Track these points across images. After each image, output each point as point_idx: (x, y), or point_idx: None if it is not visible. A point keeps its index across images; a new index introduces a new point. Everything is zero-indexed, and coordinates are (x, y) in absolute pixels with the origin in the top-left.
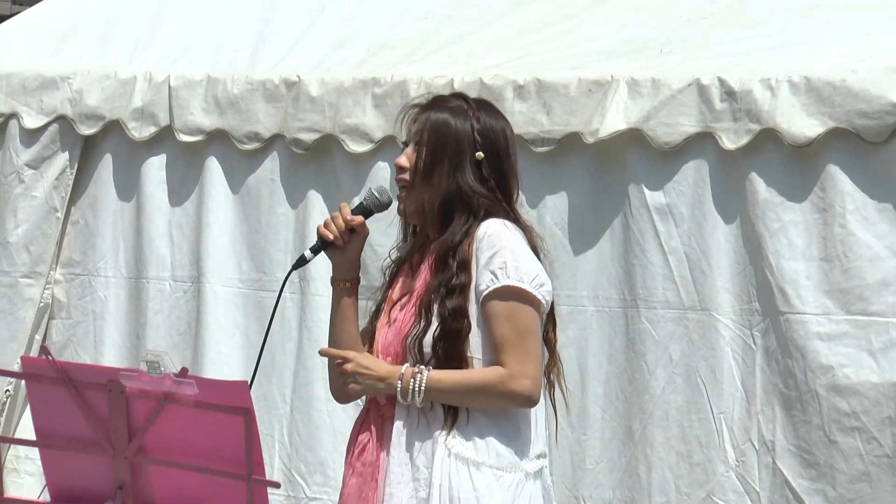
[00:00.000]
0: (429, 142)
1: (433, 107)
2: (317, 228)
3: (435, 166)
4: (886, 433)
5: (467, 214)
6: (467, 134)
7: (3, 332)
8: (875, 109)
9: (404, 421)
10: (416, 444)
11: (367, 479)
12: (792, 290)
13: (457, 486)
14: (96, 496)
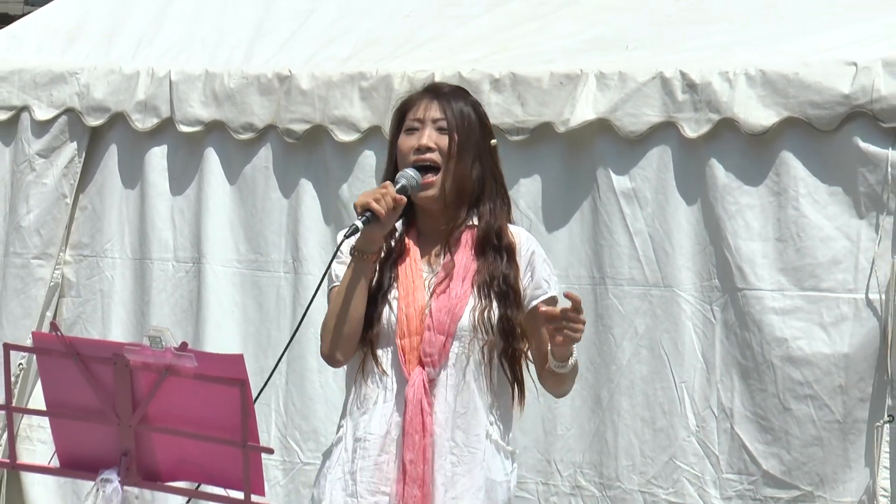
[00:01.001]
0: (458, 127)
1: (442, 94)
2: (359, 202)
3: (467, 150)
4: (837, 401)
5: (495, 198)
6: (485, 120)
7: (17, 309)
8: (826, 100)
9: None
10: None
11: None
12: (749, 268)
13: (493, 469)
14: (102, 462)
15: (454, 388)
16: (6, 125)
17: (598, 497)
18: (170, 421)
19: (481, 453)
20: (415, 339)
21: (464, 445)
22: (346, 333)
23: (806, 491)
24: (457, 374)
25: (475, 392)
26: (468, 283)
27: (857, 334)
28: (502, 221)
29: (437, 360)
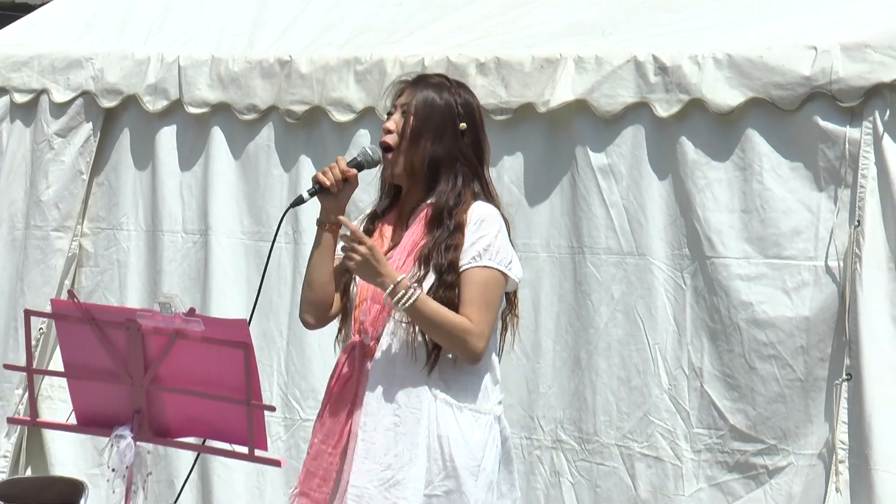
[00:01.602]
0: (416, 112)
1: (420, 83)
2: (314, 175)
3: (422, 133)
4: (799, 360)
5: (454, 178)
6: (451, 107)
7: (37, 278)
8: (788, 81)
9: (386, 359)
10: (396, 381)
11: (343, 407)
12: (717, 237)
13: (444, 426)
14: (116, 420)
15: (392, 354)
16: (26, 107)
17: (578, 450)
18: (179, 381)
19: (426, 413)
20: (359, 309)
21: (405, 406)
22: (311, 299)
23: (770, 444)
24: (395, 340)
25: (412, 356)
26: (412, 256)
27: (818, 299)
28: (458, 199)
29: (372, 328)
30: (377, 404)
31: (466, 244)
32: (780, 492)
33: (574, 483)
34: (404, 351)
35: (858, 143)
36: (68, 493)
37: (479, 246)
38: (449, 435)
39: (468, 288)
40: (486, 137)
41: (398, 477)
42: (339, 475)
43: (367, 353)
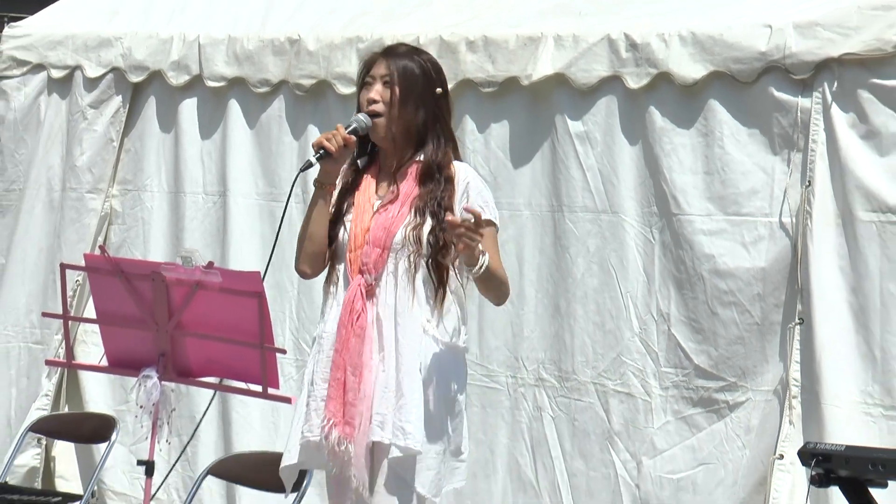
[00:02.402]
0: (400, 81)
1: (392, 54)
2: (315, 142)
3: (409, 99)
4: (756, 306)
5: (438, 138)
6: (428, 73)
7: (72, 235)
8: (746, 56)
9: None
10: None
11: (360, 339)
12: (682, 197)
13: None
14: (143, 362)
15: (392, 292)
16: (62, 82)
17: (558, 388)
18: (199, 327)
19: (420, 347)
20: (359, 252)
21: (403, 340)
22: (309, 250)
23: (731, 381)
24: (393, 280)
25: (410, 295)
26: (407, 206)
27: (773, 251)
28: (444, 157)
29: (374, 268)
30: (383, 338)
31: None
32: (739, 424)
33: (554, 417)
34: (402, 289)
35: (809, 111)
36: (101, 427)
37: (480, 200)
38: (440, 366)
39: (489, 242)
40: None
41: (401, 403)
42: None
43: (370, 291)
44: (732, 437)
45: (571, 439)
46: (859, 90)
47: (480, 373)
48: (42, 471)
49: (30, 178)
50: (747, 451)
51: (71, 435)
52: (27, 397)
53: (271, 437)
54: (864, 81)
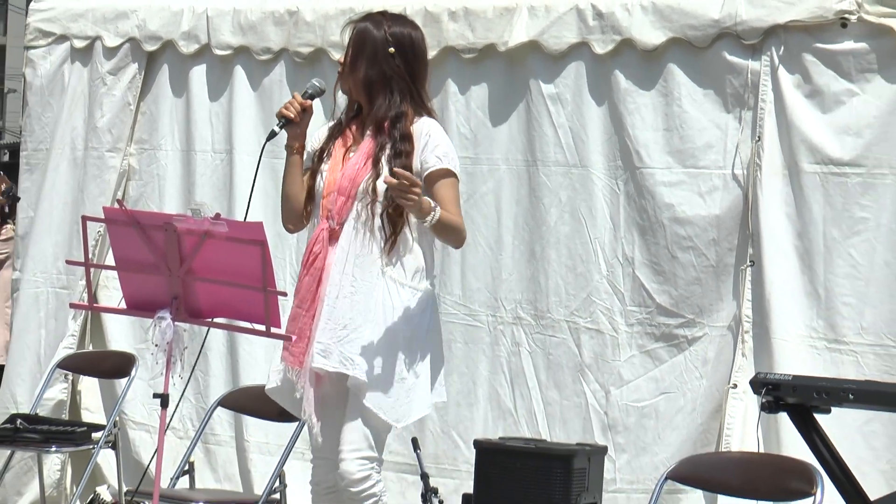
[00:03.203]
0: (354, 43)
1: (362, 19)
2: (277, 112)
3: (357, 60)
4: (711, 250)
5: (389, 94)
6: (382, 36)
7: (94, 190)
8: (701, 24)
9: (348, 240)
10: (355, 259)
11: (314, 278)
12: (644, 151)
13: (389, 298)
14: (158, 304)
15: (352, 237)
16: (84, 51)
17: (534, 325)
18: (208, 272)
19: (378, 287)
20: (328, 199)
21: (360, 280)
22: (287, 209)
23: (689, 318)
24: (355, 226)
25: (369, 241)
26: (371, 158)
27: (726, 200)
28: (399, 112)
29: (337, 215)
30: (339, 277)
31: (427, 151)
32: (697, 357)
33: (531, 352)
34: (363, 235)
35: (759, 73)
36: (122, 364)
37: (438, 151)
38: (392, 305)
39: (446, 190)
40: (425, 62)
41: (352, 336)
42: (311, 333)
43: (333, 235)
44: (691, 369)
45: (546, 371)
46: (804, 54)
47: (463, 312)
48: (69, 403)
49: (55, 138)
50: (704, 381)
51: (95, 371)
52: (55, 337)
53: None
54: (808, 46)
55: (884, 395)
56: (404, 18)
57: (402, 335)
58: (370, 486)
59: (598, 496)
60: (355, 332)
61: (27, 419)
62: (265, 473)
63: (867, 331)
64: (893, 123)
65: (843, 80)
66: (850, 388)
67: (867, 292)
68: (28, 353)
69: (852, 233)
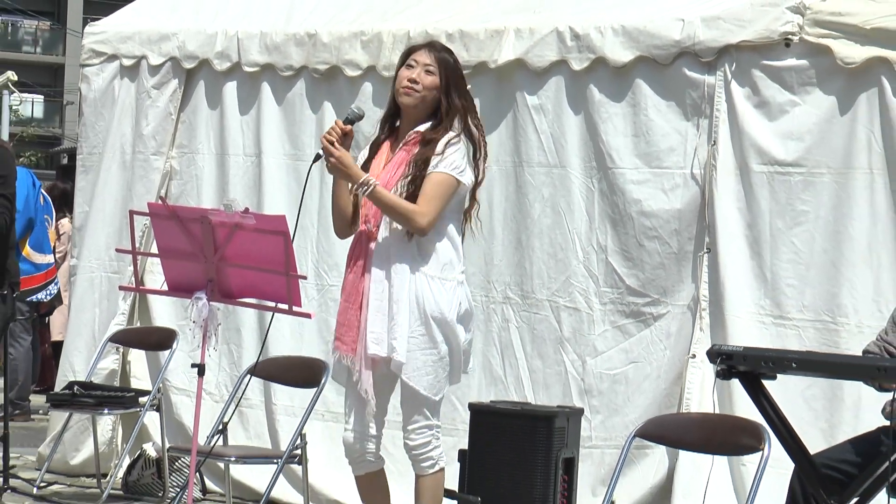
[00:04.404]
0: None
1: (435, 48)
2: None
3: (451, 93)
4: (674, 239)
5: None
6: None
7: (141, 188)
8: (664, 44)
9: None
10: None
11: (357, 275)
12: (615, 154)
13: (421, 289)
14: (195, 286)
15: (386, 238)
16: (132, 68)
17: (521, 304)
18: (238, 259)
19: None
20: (366, 207)
21: (395, 275)
22: (337, 219)
23: (655, 298)
24: (389, 228)
25: (401, 240)
26: (402, 169)
27: (686, 196)
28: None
29: (373, 219)
30: (378, 273)
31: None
32: (661, 331)
33: (518, 327)
34: (395, 235)
35: (714, 86)
36: (165, 338)
37: (437, 158)
38: (424, 296)
39: (425, 184)
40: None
41: (393, 325)
42: (359, 324)
43: (370, 236)
44: (656, 342)
45: (531, 344)
46: (753, 69)
47: None
48: (119, 372)
49: (107, 144)
50: (668, 352)
51: (142, 344)
52: (107, 315)
53: (298, 345)
54: (757, 63)
55: (822, 363)
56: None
57: (434, 318)
58: (429, 450)
59: (575, 451)
60: (394, 321)
61: (83, 386)
62: (290, 432)
63: (808, 308)
64: (830, 130)
65: (786, 93)
66: (793, 358)
67: (808, 275)
68: (84, 329)
69: (795, 224)
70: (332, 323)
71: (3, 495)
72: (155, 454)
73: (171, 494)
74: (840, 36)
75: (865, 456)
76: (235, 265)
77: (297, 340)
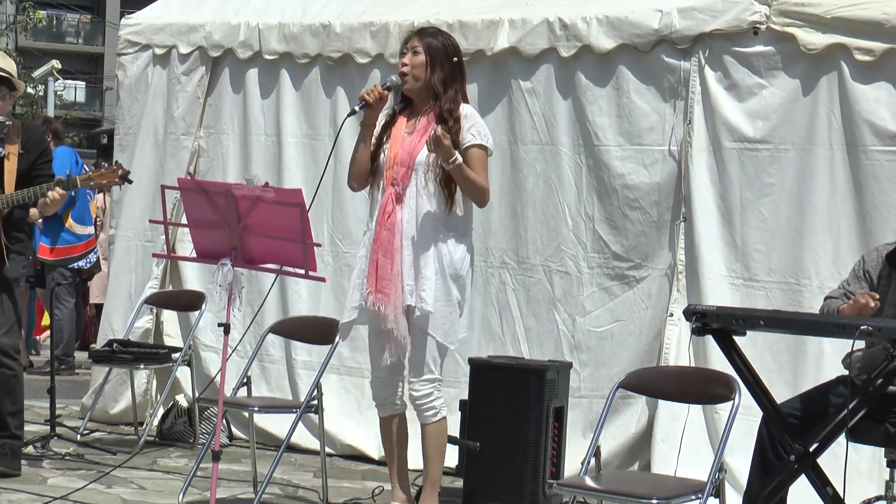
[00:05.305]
0: (428, 53)
1: (422, 33)
2: (360, 95)
3: (435, 66)
4: (654, 209)
5: (453, 92)
6: (447, 47)
7: (172, 165)
8: (644, 33)
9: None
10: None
11: (391, 232)
12: (601, 132)
13: (441, 246)
14: (221, 253)
15: (414, 198)
16: (164, 57)
17: (516, 268)
18: (260, 228)
19: (435, 238)
20: (392, 170)
21: (423, 232)
22: (355, 171)
23: (637, 262)
24: (415, 190)
25: (427, 202)
26: (426, 137)
27: (665, 170)
28: (454, 104)
29: (401, 181)
30: (409, 230)
31: (465, 129)
32: (643, 292)
33: (514, 289)
34: (421, 197)
35: (689, 71)
36: (195, 300)
37: (473, 130)
38: (445, 253)
39: (476, 161)
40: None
41: (421, 277)
42: (393, 276)
43: (399, 198)
44: (638, 302)
45: (526, 304)
46: (724, 55)
47: None
48: (154, 331)
49: (141, 125)
50: (649, 311)
51: (173, 305)
52: (142, 280)
53: (315, 305)
54: (728, 49)
55: (787, 321)
56: (447, 33)
57: (450, 275)
58: (431, 400)
59: (565, 401)
60: (420, 274)
61: (121, 343)
62: (308, 384)
63: (774, 271)
64: (794, 109)
65: (754, 76)
66: (761, 316)
67: (774, 241)
68: (122, 292)
69: (762, 195)
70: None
71: (51, 441)
72: (186, 404)
73: (200, 440)
74: (803, 25)
75: (825, 404)
76: (257, 234)
77: (314, 301)
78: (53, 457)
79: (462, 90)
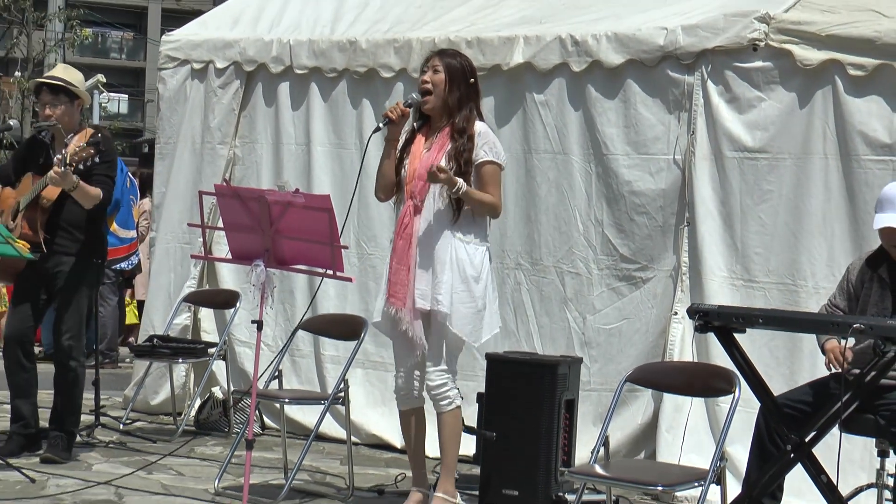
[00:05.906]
0: (448, 73)
1: (442, 54)
2: (384, 113)
3: (453, 86)
4: (659, 214)
5: (468, 111)
6: (465, 68)
7: (208, 172)
8: (650, 49)
9: (428, 214)
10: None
11: (406, 242)
12: (609, 143)
13: (460, 253)
14: (254, 255)
15: (431, 210)
16: (201, 71)
17: (530, 270)
18: (290, 232)
19: (450, 245)
20: (411, 184)
21: (438, 241)
22: (381, 184)
23: (643, 264)
24: (433, 202)
25: (444, 212)
26: (442, 153)
27: (669, 178)
28: (468, 122)
29: (419, 194)
30: (424, 240)
31: (478, 146)
32: (649, 292)
33: (528, 289)
34: (438, 209)
35: (693, 85)
36: (230, 298)
37: (486, 147)
38: (462, 258)
39: (488, 177)
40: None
41: (437, 282)
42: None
43: (417, 210)
44: (645, 301)
45: (540, 303)
46: (725, 70)
47: None
48: (191, 327)
49: (180, 135)
50: (654, 310)
51: (210, 303)
52: (181, 279)
53: (343, 304)
54: (729, 64)
55: (785, 319)
56: (463, 53)
57: (470, 277)
58: (446, 390)
59: (576, 394)
60: (436, 279)
61: (161, 339)
62: (335, 377)
63: (772, 273)
64: (791, 121)
65: (754, 90)
66: (759, 315)
67: (772, 244)
68: (161, 291)
69: (761, 201)
70: (372, 286)
71: (96, 430)
72: (222, 396)
73: (235, 430)
74: (800, 42)
75: (820, 397)
76: (288, 237)
77: (341, 300)
78: (98, 444)
79: (477, 108)
